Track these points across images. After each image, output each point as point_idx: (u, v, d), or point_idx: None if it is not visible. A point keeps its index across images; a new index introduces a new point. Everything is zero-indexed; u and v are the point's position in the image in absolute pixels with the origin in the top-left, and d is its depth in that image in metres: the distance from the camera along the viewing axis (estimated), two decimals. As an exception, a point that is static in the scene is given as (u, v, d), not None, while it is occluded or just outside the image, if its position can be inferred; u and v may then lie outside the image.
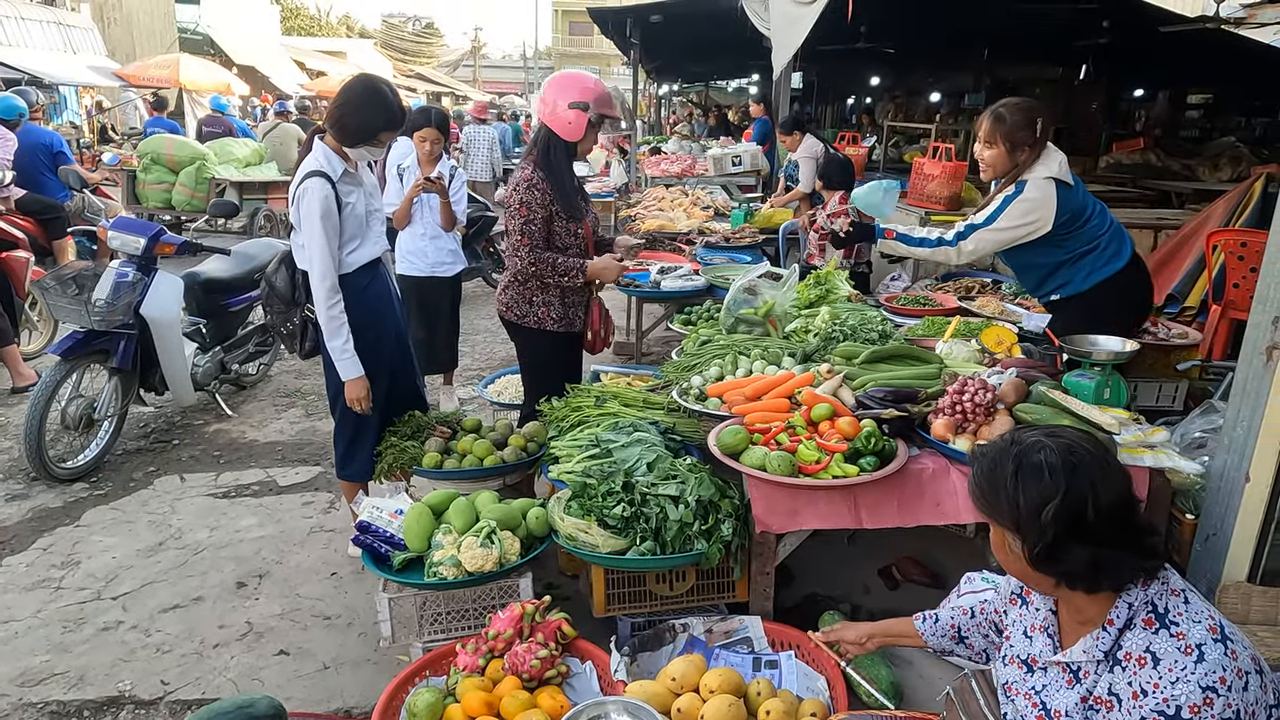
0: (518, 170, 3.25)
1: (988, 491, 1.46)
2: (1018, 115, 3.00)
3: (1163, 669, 1.33)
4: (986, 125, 3.05)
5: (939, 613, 1.97)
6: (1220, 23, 3.86)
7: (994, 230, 3.04)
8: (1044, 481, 1.39)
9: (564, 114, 3.15)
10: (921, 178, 5.79)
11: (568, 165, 3.27)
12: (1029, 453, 1.42)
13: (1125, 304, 3.20)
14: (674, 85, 23.02)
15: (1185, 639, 1.34)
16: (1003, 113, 3.02)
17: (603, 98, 3.18)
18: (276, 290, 3.12)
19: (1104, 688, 1.41)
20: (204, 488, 4.12)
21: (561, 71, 3.35)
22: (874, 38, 9.36)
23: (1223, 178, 7.71)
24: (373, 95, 2.92)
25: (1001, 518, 1.45)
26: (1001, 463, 1.44)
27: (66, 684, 2.71)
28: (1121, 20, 7.72)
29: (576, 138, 3.19)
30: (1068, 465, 1.39)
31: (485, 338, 6.80)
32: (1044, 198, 2.98)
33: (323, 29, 42.61)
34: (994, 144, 3.04)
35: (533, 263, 3.18)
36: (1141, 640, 1.38)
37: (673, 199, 7.48)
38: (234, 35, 23.22)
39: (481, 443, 3.07)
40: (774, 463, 2.47)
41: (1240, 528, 2.37)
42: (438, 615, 2.53)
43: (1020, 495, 1.40)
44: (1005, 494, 1.42)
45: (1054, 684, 1.51)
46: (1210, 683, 1.28)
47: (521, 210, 3.15)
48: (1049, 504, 1.37)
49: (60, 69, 15.61)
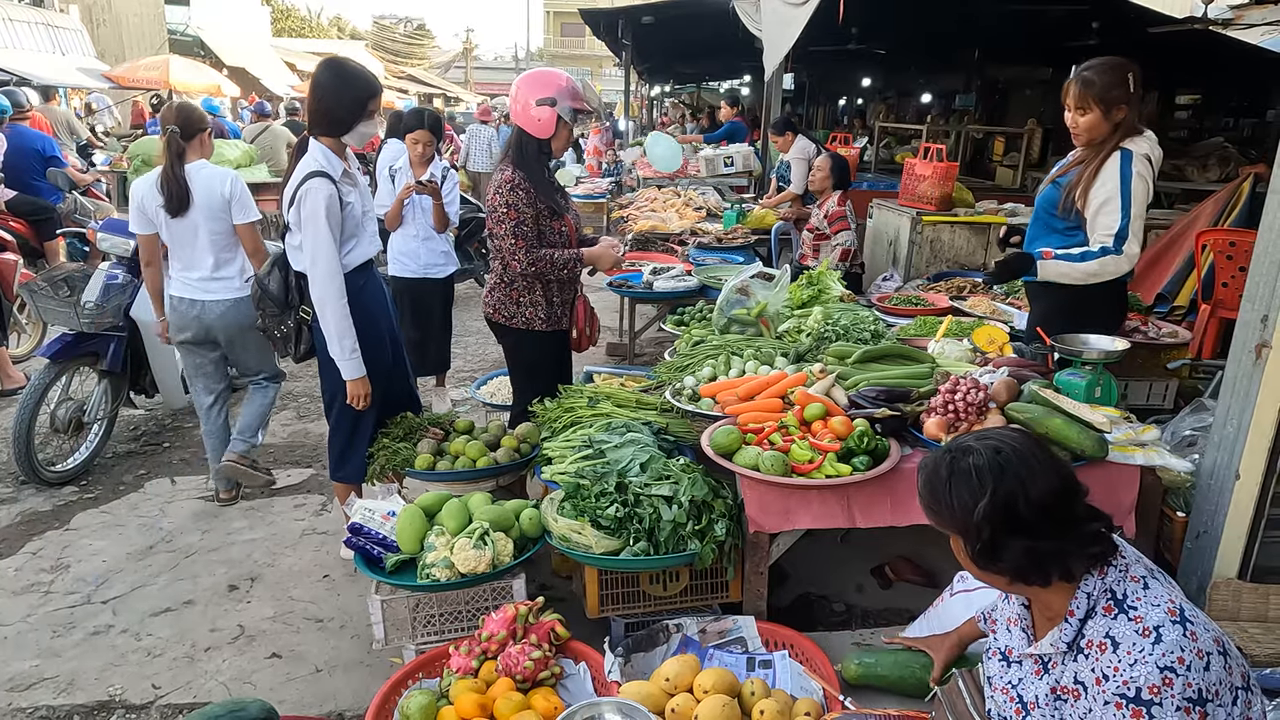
0: (496, 173, 3.24)
1: (929, 499, 1.53)
2: (1108, 75, 2.87)
3: (1121, 652, 1.35)
4: (1075, 91, 2.93)
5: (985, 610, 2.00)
6: (1208, 24, 3.88)
7: (1138, 216, 2.89)
8: (973, 483, 1.45)
9: (534, 113, 3.15)
10: (913, 178, 5.80)
11: (542, 163, 3.27)
12: (959, 458, 1.49)
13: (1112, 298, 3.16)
14: (666, 86, 23.07)
15: (1143, 621, 1.37)
16: (1090, 76, 2.89)
17: (568, 91, 3.17)
18: (270, 293, 3.09)
19: (1070, 677, 1.44)
20: (195, 490, 4.10)
21: (529, 70, 3.35)
22: (865, 39, 9.39)
23: (1211, 178, 7.75)
24: (340, 72, 2.93)
25: (945, 523, 1.52)
26: (937, 471, 1.51)
27: (56, 689, 2.69)
28: (1111, 21, 7.76)
29: (548, 134, 3.19)
30: (994, 466, 1.44)
31: (477, 339, 6.79)
32: (1149, 168, 2.91)
33: (314, 30, 42.49)
34: (1087, 108, 2.91)
35: (531, 263, 3.18)
36: (1102, 627, 1.41)
37: (665, 200, 7.49)
38: (224, 37, 23.12)
39: (474, 444, 3.06)
40: (767, 462, 2.48)
41: (1230, 525, 2.38)
42: (431, 617, 2.52)
43: (954, 499, 1.47)
44: (943, 500, 1.49)
45: (1028, 676, 1.55)
46: (1168, 663, 1.30)
47: (510, 214, 3.15)
48: (979, 504, 1.42)
49: (49, 70, 15.51)
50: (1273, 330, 2.20)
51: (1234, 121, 11.39)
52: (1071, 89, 2.95)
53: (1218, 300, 4.66)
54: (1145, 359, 3.78)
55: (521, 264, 3.18)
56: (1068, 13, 7.78)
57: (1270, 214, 2.23)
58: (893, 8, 7.64)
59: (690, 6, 8.90)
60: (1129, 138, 2.92)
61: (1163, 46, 7.76)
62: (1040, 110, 10.76)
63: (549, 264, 3.20)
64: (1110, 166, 2.91)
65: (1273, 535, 2.39)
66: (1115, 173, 2.89)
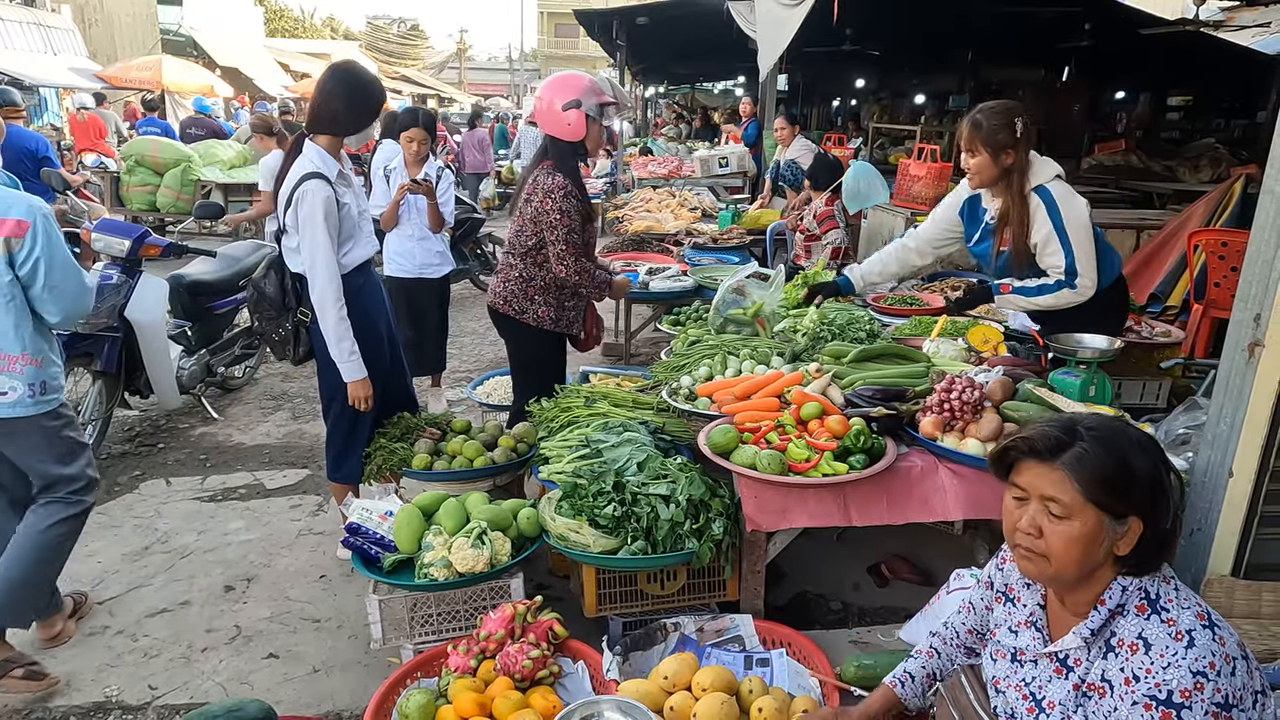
0: (545, 176, 3.23)
1: (1109, 473, 1.37)
2: (994, 119, 2.94)
3: (1154, 654, 1.35)
4: (966, 133, 3.01)
5: (909, 667, 1.89)
6: (1199, 25, 3.90)
7: (1080, 244, 2.95)
8: (1157, 445, 1.39)
9: (562, 118, 3.17)
10: (907, 179, 5.82)
11: (578, 167, 3.32)
12: (1121, 429, 1.42)
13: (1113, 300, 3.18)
14: (660, 87, 23.09)
15: (1176, 625, 1.36)
16: (979, 119, 2.97)
17: (591, 89, 3.20)
18: (266, 296, 3.07)
19: (1096, 674, 1.42)
20: (190, 491, 4.09)
21: (549, 77, 3.37)
22: (859, 40, 9.43)
23: (1203, 178, 7.80)
24: (352, 80, 2.94)
25: (1130, 500, 1.38)
26: (1117, 441, 1.39)
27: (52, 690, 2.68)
28: (1103, 23, 7.81)
29: (580, 136, 3.21)
30: (1141, 435, 1.40)
31: (473, 339, 6.78)
32: (1070, 191, 2.97)
33: (307, 31, 42.39)
34: (976, 151, 2.98)
35: (577, 272, 3.23)
36: (1134, 626, 1.39)
37: (660, 200, 7.50)
38: (217, 37, 23.05)
39: (471, 444, 3.07)
40: (764, 461, 2.48)
41: (1224, 522, 2.39)
42: (428, 617, 2.52)
43: (1147, 464, 1.38)
44: (1136, 469, 1.37)
45: (1043, 675, 1.52)
46: (1200, 668, 1.30)
47: (564, 220, 3.18)
48: (1160, 472, 1.38)
49: (41, 70, 15.45)
50: (1265, 329, 2.22)
51: (1225, 122, 11.46)
52: (964, 131, 3.02)
53: (1210, 300, 4.68)
54: (1139, 358, 3.80)
55: (568, 270, 3.22)
56: (1060, 14, 7.83)
57: (1262, 214, 2.24)
58: (887, 9, 7.68)
59: (685, 7, 8.93)
60: (1031, 174, 2.97)
61: (1154, 48, 7.80)
62: (1034, 111, 10.80)
63: (589, 278, 3.28)
64: (1036, 211, 2.97)
65: (1266, 533, 2.40)
66: (1044, 214, 2.95)
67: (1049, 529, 1.41)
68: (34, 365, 2.58)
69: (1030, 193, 2.98)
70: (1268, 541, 2.42)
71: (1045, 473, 1.41)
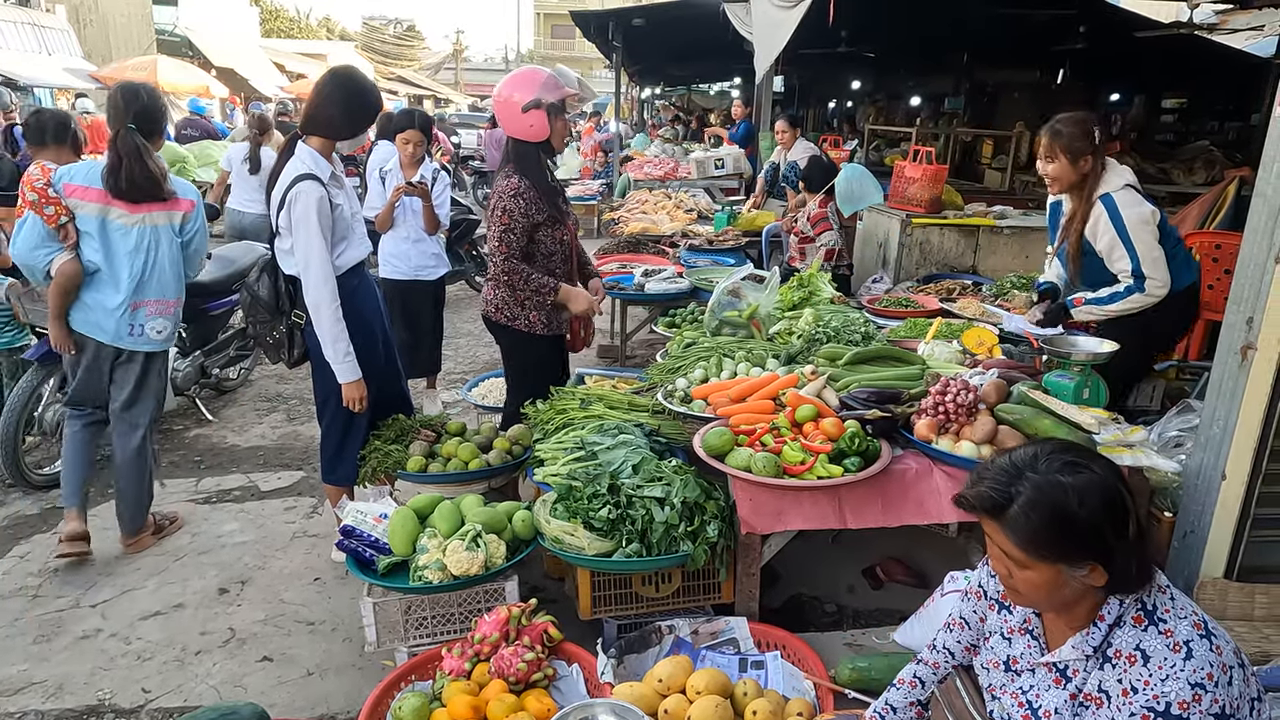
0: (502, 178, 3.22)
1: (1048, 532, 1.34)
2: (1073, 127, 3.12)
3: (1152, 666, 1.35)
4: (1045, 141, 3.20)
5: (891, 699, 1.86)
6: (1193, 28, 3.93)
7: (1146, 247, 3.07)
8: (1105, 487, 1.33)
9: (524, 120, 3.13)
10: (902, 181, 5.83)
11: (544, 167, 3.28)
12: (1058, 468, 1.35)
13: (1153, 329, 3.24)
14: (656, 89, 23.08)
15: (1173, 636, 1.36)
16: (1058, 127, 3.15)
17: (548, 84, 3.15)
18: (260, 299, 3.06)
19: (1094, 684, 1.42)
20: (184, 493, 4.08)
21: (502, 80, 3.31)
22: (855, 42, 9.44)
23: (1197, 181, 7.83)
24: (351, 85, 2.94)
25: (1079, 552, 1.35)
26: (1054, 497, 1.34)
27: (45, 693, 2.67)
28: (1098, 26, 7.83)
29: (544, 136, 3.18)
30: (1100, 463, 1.37)
31: (469, 341, 6.78)
32: (1137, 199, 3.10)
33: (302, 31, 42.30)
34: (1054, 157, 3.17)
35: (506, 271, 3.19)
36: (1131, 638, 1.39)
37: (656, 202, 7.50)
38: (212, 37, 23.00)
39: (466, 446, 3.06)
40: (759, 464, 2.49)
41: (1217, 525, 2.40)
42: (423, 619, 2.52)
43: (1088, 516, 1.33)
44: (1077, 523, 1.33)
45: (1040, 684, 1.52)
46: (1199, 679, 1.30)
47: (503, 218, 3.15)
48: (1108, 515, 1.33)
49: (35, 70, 15.39)
50: (1258, 332, 2.22)
51: (1219, 125, 11.49)
52: (1043, 139, 3.21)
53: (1204, 303, 4.69)
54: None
55: (496, 269, 3.21)
56: (1055, 17, 7.85)
57: (1254, 217, 2.25)
58: (882, 11, 7.69)
59: (681, 9, 8.92)
60: (1102, 180, 3.13)
61: (1149, 51, 7.83)
62: (1028, 113, 10.83)
63: (523, 279, 3.20)
64: (1099, 218, 3.13)
65: (1258, 535, 2.41)
66: (1106, 221, 3.10)
67: (1014, 573, 1.42)
68: (179, 310, 3.44)
69: (1096, 200, 3.13)
70: (1260, 544, 2.43)
71: (995, 528, 1.42)
